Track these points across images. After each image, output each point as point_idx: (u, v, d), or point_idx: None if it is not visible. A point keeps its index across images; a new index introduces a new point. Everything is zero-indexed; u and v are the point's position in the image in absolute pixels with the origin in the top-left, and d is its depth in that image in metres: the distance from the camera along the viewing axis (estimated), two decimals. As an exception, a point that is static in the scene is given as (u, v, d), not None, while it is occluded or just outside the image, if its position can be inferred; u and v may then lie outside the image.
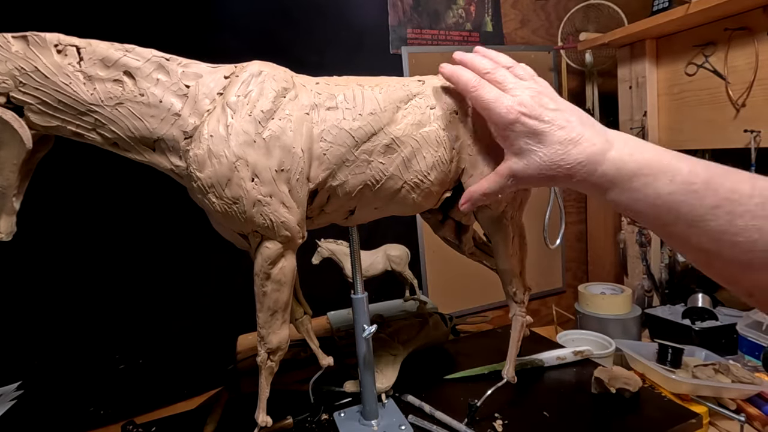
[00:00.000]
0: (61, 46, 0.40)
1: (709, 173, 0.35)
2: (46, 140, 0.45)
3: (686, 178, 0.35)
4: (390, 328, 0.82)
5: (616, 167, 0.39)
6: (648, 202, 0.37)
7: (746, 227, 0.32)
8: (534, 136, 0.43)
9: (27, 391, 0.89)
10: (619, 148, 0.40)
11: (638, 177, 0.38)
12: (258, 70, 0.46)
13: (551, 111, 0.43)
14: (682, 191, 0.35)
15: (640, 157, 0.39)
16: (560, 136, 0.41)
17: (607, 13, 1.41)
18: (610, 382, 0.68)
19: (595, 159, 0.40)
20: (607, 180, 0.40)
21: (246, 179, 0.44)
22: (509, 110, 0.43)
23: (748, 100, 1.07)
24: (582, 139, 0.41)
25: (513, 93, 0.44)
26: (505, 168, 0.46)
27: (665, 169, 0.37)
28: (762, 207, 0.32)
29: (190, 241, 1.04)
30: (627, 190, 0.39)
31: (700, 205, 0.34)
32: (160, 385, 1.00)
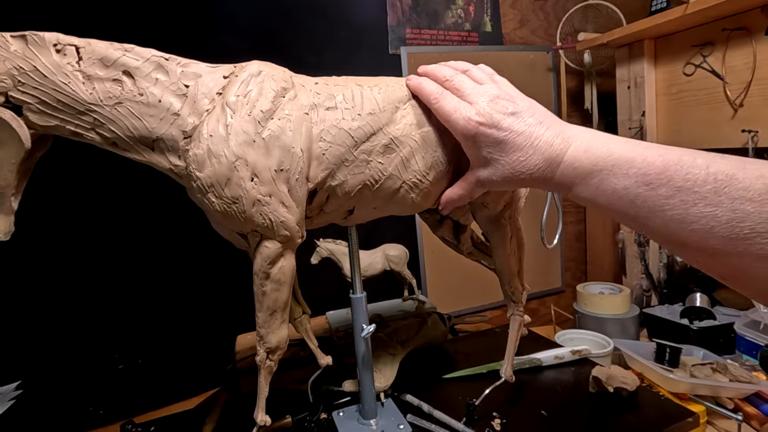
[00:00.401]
0: (60, 46, 0.40)
1: (665, 162, 0.35)
2: (45, 140, 0.45)
3: (640, 170, 0.35)
4: (389, 327, 0.82)
5: (572, 167, 0.40)
6: (606, 197, 0.38)
7: (701, 214, 0.32)
8: (495, 145, 0.44)
9: (26, 391, 0.89)
10: (576, 145, 0.41)
11: (593, 174, 0.39)
12: (257, 69, 0.47)
13: (509, 116, 0.43)
14: (636, 184, 0.35)
15: (595, 154, 0.39)
16: (519, 142, 0.42)
17: (605, 14, 1.41)
18: (607, 381, 0.68)
19: (553, 161, 0.41)
20: (567, 179, 0.41)
21: (245, 179, 0.44)
22: (467, 122, 0.44)
23: (745, 100, 1.08)
24: (540, 142, 0.42)
25: (471, 100, 0.45)
26: (472, 176, 0.48)
27: (619, 163, 0.37)
28: (715, 193, 0.31)
29: (189, 241, 1.04)
30: (586, 186, 0.39)
31: (656, 195, 0.34)
32: (159, 384, 1.00)
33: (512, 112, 0.44)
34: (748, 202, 0.30)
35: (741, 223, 0.30)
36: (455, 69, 0.50)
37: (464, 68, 0.50)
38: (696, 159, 0.34)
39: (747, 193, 0.30)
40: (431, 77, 0.50)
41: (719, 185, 0.31)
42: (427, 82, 0.50)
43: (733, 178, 0.31)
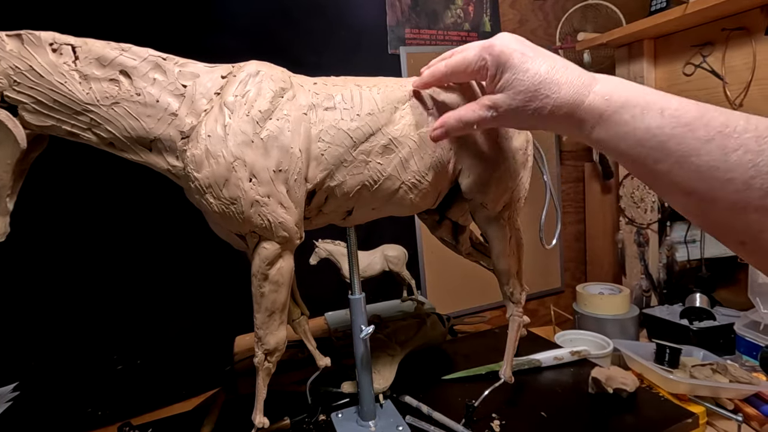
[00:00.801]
0: (57, 45, 0.40)
1: (701, 108, 0.33)
2: (41, 140, 0.44)
3: (676, 112, 0.33)
4: (388, 328, 0.82)
5: (603, 98, 0.37)
6: (636, 137, 0.35)
7: (740, 162, 0.30)
8: (514, 68, 0.40)
9: (23, 392, 0.88)
10: (605, 82, 0.38)
11: (626, 109, 0.36)
12: (255, 70, 0.46)
13: (531, 49, 0.41)
14: (672, 124, 0.33)
15: (628, 91, 0.37)
16: (542, 66, 0.40)
17: (605, 13, 1.41)
18: (607, 382, 0.68)
19: (581, 90, 0.38)
20: (593, 113, 0.38)
21: (244, 179, 0.43)
22: (481, 49, 0.43)
23: (745, 100, 1.08)
24: (568, 70, 0.39)
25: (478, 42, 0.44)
26: (487, 99, 0.44)
27: (654, 102, 0.35)
28: (756, 141, 0.30)
29: (187, 242, 1.04)
30: (614, 123, 0.36)
31: (692, 137, 0.32)
32: (157, 385, 1.00)
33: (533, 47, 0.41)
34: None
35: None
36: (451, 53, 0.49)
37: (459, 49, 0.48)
38: (732, 112, 0.32)
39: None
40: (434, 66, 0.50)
41: (761, 134, 0.30)
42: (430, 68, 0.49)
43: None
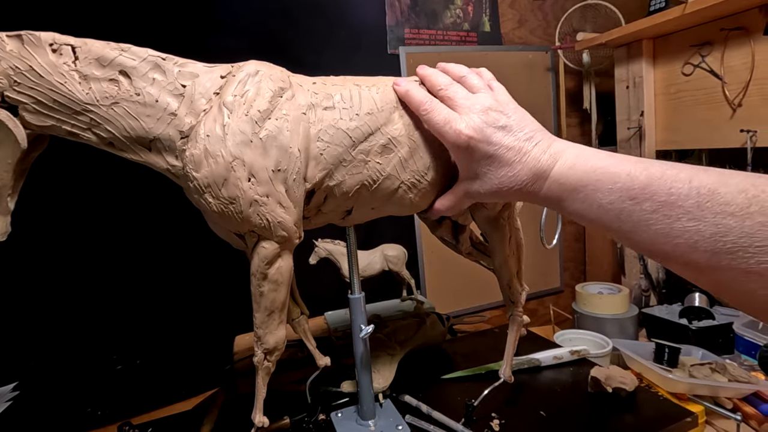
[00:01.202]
0: (57, 45, 0.40)
1: (648, 177, 0.35)
2: (41, 140, 0.45)
3: (624, 185, 0.36)
4: (387, 328, 0.82)
5: (558, 183, 0.41)
6: (593, 211, 0.38)
7: (685, 229, 0.32)
8: (484, 159, 0.44)
9: (23, 392, 0.88)
10: (562, 162, 0.42)
11: (578, 189, 0.39)
12: (255, 69, 0.46)
13: (499, 130, 0.44)
14: (620, 199, 0.36)
15: (580, 170, 0.40)
16: (508, 157, 0.43)
17: (604, 13, 1.41)
18: (606, 381, 0.68)
19: (540, 176, 0.42)
20: (553, 195, 0.42)
21: (243, 179, 0.44)
22: (458, 135, 0.45)
23: (744, 100, 1.08)
24: (528, 158, 0.43)
25: (462, 112, 0.46)
26: (460, 188, 0.50)
27: (603, 179, 0.38)
28: (698, 207, 0.31)
29: (187, 242, 1.04)
30: (574, 201, 0.40)
31: (640, 210, 0.35)
32: (157, 385, 1.00)
33: (503, 126, 0.44)
34: (730, 217, 0.30)
35: (724, 237, 0.30)
36: (453, 74, 0.50)
37: (461, 74, 0.49)
38: (679, 173, 0.34)
39: (729, 208, 0.30)
40: (427, 83, 0.50)
41: (702, 200, 0.31)
42: (416, 90, 0.49)
43: (715, 193, 0.31)
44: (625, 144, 1.38)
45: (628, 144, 1.36)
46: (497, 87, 0.49)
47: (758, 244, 0.28)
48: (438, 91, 0.48)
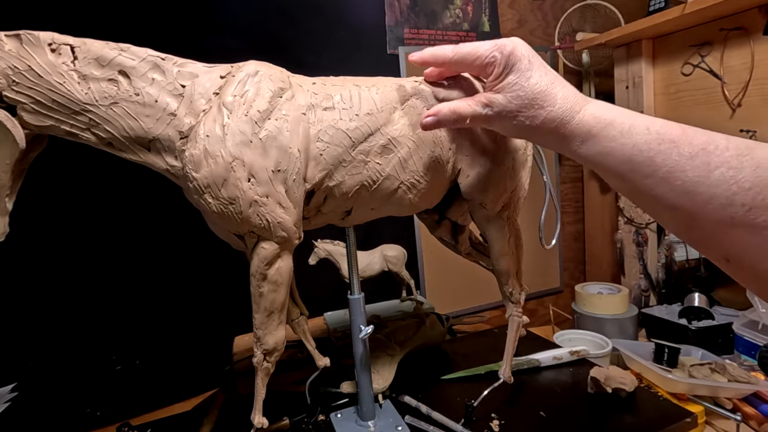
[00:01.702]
0: (55, 45, 0.40)
1: (684, 127, 0.35)
2: (40, 140, 0.44)
3: (662, 129, 0.36)
4: (387, 328, 0.82)
5: (594, 116, 0.39)
6: (623, 153, 0.37)
7: (723, 179, 0.31)
8: (520, 72, 0.42)
9: (22, 393, 0.88)
10: (596, 103, 0.41)
11: (614, 126, 0.38)
12: (254, 70, 0.46)
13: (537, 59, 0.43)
14: (657, 141, 0.35)
15: (616, 111, 0.39)
16: (543, 79, 0.42)
17: (603, 13, 1.41)
18: (606, 381, 0.68)
19: (574, 107, 0.40)
20: (583, 129, 0.40)
21: (242, 179, 0.43)
22: (494, 47, 0.43)
23: (743, 100, 1.08)
24: (566, 87, 0.42)
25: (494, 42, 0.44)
26: (484, 97, 0.44)
27: (641, 121, 0.37)
28: (737, 159, 0.31)
29: (186, 242, 1.04)
30: (603, 139, 0.38)
31: (678, 153, 0.34)
32: (156, 386, 1.00)
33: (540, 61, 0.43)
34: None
35: (764, 189, 0.30)
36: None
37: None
38: (712, 132, 0.34)
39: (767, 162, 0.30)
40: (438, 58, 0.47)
41: (741, 152, 0.31)
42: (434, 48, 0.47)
43: (753, 149, 0.31)
44: (624, 144, 1.38)
45: (628, 144, 1.36)
46: None
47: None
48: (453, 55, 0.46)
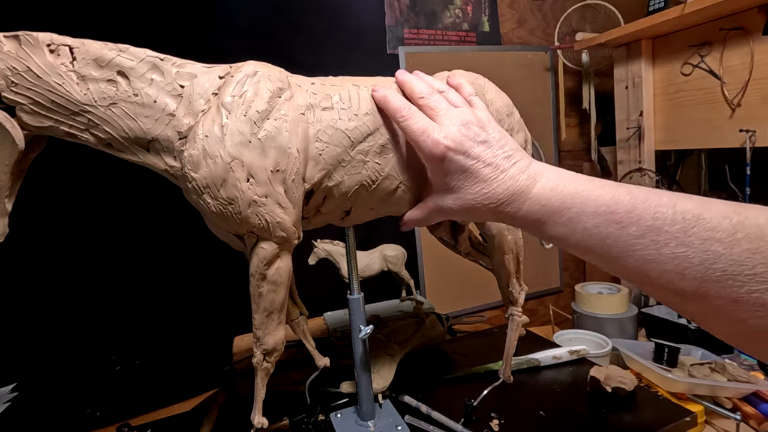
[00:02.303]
0: (54, 46, 0.40)
1: (633, 200, 0.34)
2: (39, 141, 0.44)
3: (609, 208, 0.35)
4: (387, 328, 0.82)
5: (540, 204, 0.39)
6: (577, 236, 0.37)
7: (673, 255, 0.31)
8: (460, 172, 0.43)
9: (22, 393, 0.88)
10: (542, 183, 0.40)
11: (562, 212, 0.38)
12: (253, 70, 0.46)
13: (478, 144, 0.43)
14: (606, 222, 0.35)
15: (563, 191, 0.38)
16: (485, 173, 0.42)
17: (603, 13, 1.41)
18: (606, 381, 0.68)
19: (518, 196, 0.40)
20: (534, 216, 0.40)
21: (241, 180, 0.43)
22: (436, 145, 0.43)
23: (743, 99, 1.08)
24: (506, 176, 0.41)
25: (442, 123, 0.44)
26: (431, 202, 0.48)
27: (588, 201, 0.36)
28: (685, 233, 0.31)
29: (186, 242, 1.04)
30: (555, 225, 0.39)
31: (626, 235, 0.33)
32: (156, 386, 1.00)
33: (482, 141, 0.43)
34: (718, 243, 0.29)
35: (713, 264, 0.29)
36: (431, 87, 0.48)
37: (440, 89, 0.48)
38: (662, 198, 0.33)
39: (715, 234, 0.29)
40: (407, 89, 0.49)
41: (688, 225, 0.31)
42: (394, 96, 0.47)
43: (700, 218, 0.30)
44: (624, 144, 1.38)
45: (628, 144, 1.36)
46: (477, 103, 0.48)
47: (748, 272, 0.28)
48: (418, 99, 0.47)
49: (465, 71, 0.59)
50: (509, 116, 0.59)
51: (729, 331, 0.31)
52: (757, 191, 1.15)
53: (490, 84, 0.60)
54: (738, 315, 0.29)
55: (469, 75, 0.58)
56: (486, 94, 0.58)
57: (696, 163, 1.49)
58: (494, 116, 0.57)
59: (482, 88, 0.58)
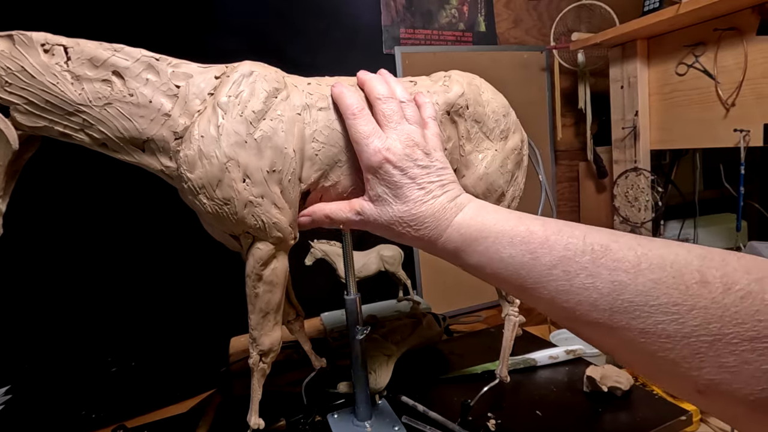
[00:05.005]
0: (48, 46, 0.40)
1: (546, 232, 0.35)
2: (33, 141, 0.44)
3: (524, 239, 0.35)
4: (383, 328, 0.82)
5: (458, 232, 0.40)
6: (493, 265, 0.37)
7: (584, 287, 0.31)
8: (393, 187, 0.43)
9: (16, 395, 0.87)
10: (465, 212, 0.41)
11: (479, 240, 0.38)
12: (249, 70, 0.46)
13: (418, 168, 0.43)
14: (521, 253, 0.35)
15: (482, 220, 0.39)
16: (416, 195, 0.42)
17: (598, 14, 1.42)
18: (602, 380, 0.69)
19: (440, 224, 0.41)
20: (452, 245, 0.41)
21: (237, 180, 0.43)
22: (376, 152, 0.43)
23: (737, 99, 1.08)
24: (435, 202, 0.42)
25: (389, 134, 0.44)
26: (357, 205, 0.46)
27: (504, 230, 0.37)
28: (593, 263, 0.31)
29: (181, 243, 1.03)
30: (473, 253, 0.39)
31: (540, 264, 0.34)
32: (152, 387, 0.99)
33: (423, 166, 0.43)
34: (624, 273, 0.29)
35: (620, 295, 0.29)
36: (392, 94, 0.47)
37: (402, 98, 0.47)
38: (574, 230, 0.34)
39: (621, 264, 0.30)
40: (366, 88, 0.48)
41: (596, 255, 0.31)
42: (349, 94, 0.47)
43: (608, 249, 0.31)
44: (619, 144, 1.38)
45: (623, 144, 1.37)
46: (432, 128, 0.48)
47: (653, 303, 0.28)
48: (375, 100, 0.46)
49: (462, 72, 0.59)
50: (505, 117, 0.59)
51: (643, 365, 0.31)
52: (752, 190, 1.16)
53: (487, 85, 0.60)
54: (649, 347, 0.28)
55: (466, 76, 0.58)
56: (482, 95, 0.58)
57: (691, 163, 1.50)
58: (491, 117, 0.57)
59: (478, 89, 0.58)
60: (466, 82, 0.57)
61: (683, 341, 0.27)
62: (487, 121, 0.57)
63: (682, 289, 0.27)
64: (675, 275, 0.28)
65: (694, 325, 0.26)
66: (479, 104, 0.57)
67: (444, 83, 0.56)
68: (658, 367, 0.29)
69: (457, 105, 0.55)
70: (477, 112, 0.56)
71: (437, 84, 0.55)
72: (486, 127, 0.58)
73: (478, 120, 0.57)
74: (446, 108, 0.54)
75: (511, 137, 0.60)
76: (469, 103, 0.56)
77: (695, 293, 0.27)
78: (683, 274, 0.28)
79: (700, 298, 0.27)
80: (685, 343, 0.27)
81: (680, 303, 0.27)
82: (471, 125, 0.56)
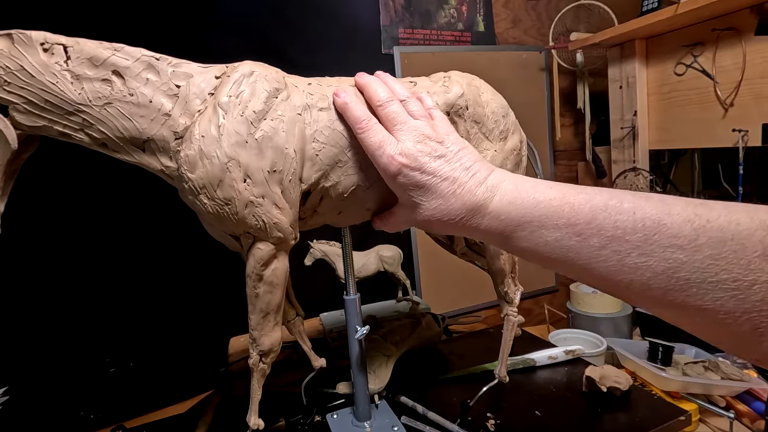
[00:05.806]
0: (48, 45, 0.39)
1: (593, 209, 0.33)
2: (32, 140, 0.44)
3: (569, 220, 0.34)
4: (383, 328, 0.82)
5: (499, 219, 0.38)
6: (540, 250, 0.36)
7: (636, 266, 0.30)
8: (417, 188, 0.42)
9: (14, 397, 0.87)
10: (501, 195, 0.39)
11: (522, 226, 0.37)
12: (249, 70, 0.46)
13: (435, 159, 0.42)
14: (567, 236, 0.34)
15: (521, 205, 0.37)
16: (442, 188, 0.41)
17: (597, 14, 1.42)
18: (601, 380, 0.69)
19: (477, 211, 0.40)
20: (496, 230, 0.39)
21: (238, 180, 0.43)
22: (391, 161, 0.42)
23: (735, 99, 1.09)
24: (463, 190, 0.40)
25: (399, 137, 0.43)
26: (399, 214, 0.48)
27: (548, 213, 0.35)
28: (646, 241, 0.29)
29: (181, 243, 1.03)
30: (518, 239, 0.38)
31: (587, 246, 0.32)
32: (151, 388, 0.99)
33: (439, 155, 0.42)
34: (680, 251, 0.28)
35: (675, 273, 0.28)
36: (392, 94, 0.47)
37: (402, 96, 0.47)
38: (622, 204, 0.32)
39: (677, 240, 0.28)
40: (367, 93, 0.48)
41: (649, 233, 0.29)
42: (355, 105, 0.46)
43: (660, 224, 0.29)
44: (618, 144, 1.39)
45: (622, 143, 1.37)
46: (438, 116, 0.47)
47: (711, 279, 0.27)
48: (377, 107, 0.46)
49: (461, 72, 0.59)
50: (504, 117, 0.59)
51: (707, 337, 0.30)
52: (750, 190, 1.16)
53: (486, 85, 0.60)
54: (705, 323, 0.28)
55: (465, 77, 0.58)
56: (481, 95, 0.58)
57: (689, 163, 1.50)
58: (490, 117, 0.57)
59: (478, 89, 0.58)
60: (465, 82, 0.57)
61: (744, 317, 0.26)
62: (487, 121, 0.58)
63: (743, 264, 0.26)
64: (736, 249, 0.26)
65: (756, 300, 0.25)
66: (479, 105, 0.57)
67: (444, 84, 0.56)
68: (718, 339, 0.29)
69: (456, 106, 0.55)
70: (476, 113, 0.57)
71: (437, 84, 0.55)
72: (485, 127, 0.58)
73: (478, 121, 0.57)
74: (446, 108, 0.54)
75: (510, 138, 0.60)
76: (469, 103, 0.56)
77: (757, 267, 0.26)
78: (745, 248, 0.26)
79: (762, 273, 0.25)
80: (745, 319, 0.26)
81: (741, 279, 0.26)
82: (470, 126, 0.56)
